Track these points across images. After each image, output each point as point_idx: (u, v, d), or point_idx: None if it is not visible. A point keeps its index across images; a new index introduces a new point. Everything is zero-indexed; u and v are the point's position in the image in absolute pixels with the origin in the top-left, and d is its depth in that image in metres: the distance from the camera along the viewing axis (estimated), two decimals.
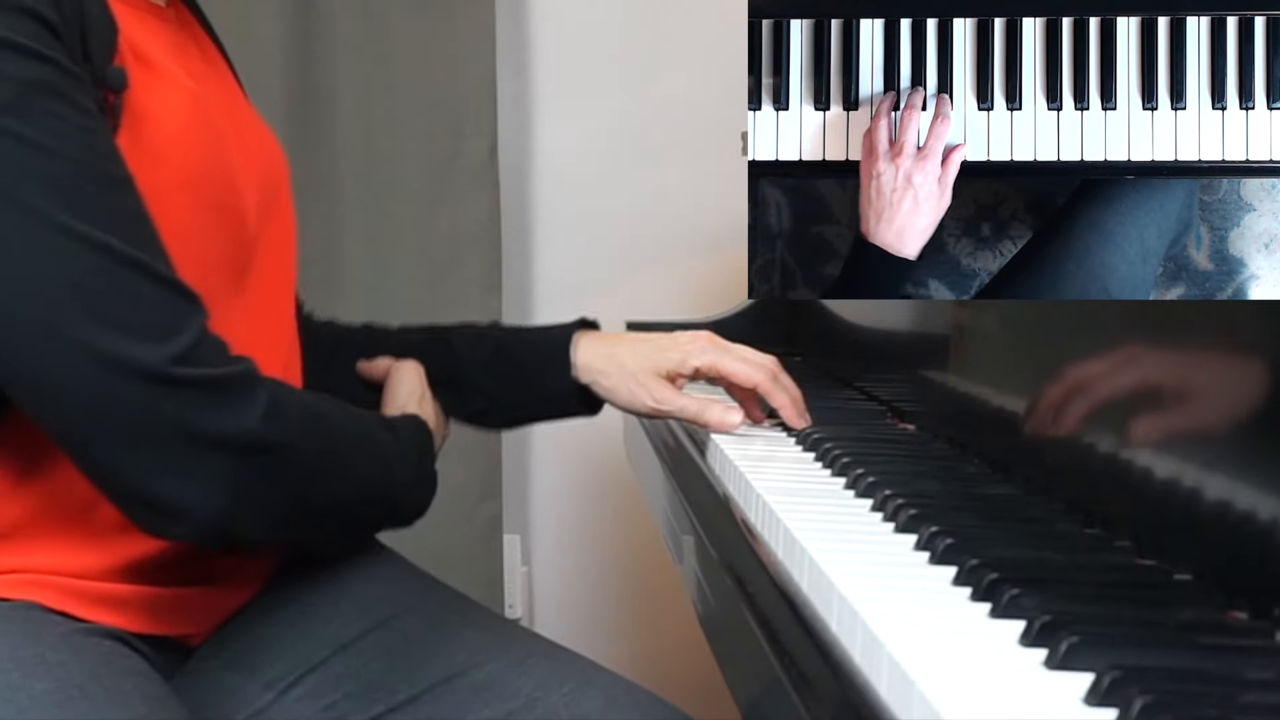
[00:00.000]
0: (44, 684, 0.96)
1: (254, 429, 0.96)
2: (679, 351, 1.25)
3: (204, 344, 0.96)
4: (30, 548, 1.03)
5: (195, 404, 0.94)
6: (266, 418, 0.97)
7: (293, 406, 1.01)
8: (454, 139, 2.24)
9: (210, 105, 1.08)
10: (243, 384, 0.97)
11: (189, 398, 0.94)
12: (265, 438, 0.97)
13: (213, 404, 0.95)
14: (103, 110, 0.97)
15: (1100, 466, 0.96)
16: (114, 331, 0.92)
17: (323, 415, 1.05)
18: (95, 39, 0.97)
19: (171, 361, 0.93)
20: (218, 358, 0.97)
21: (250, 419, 0.96)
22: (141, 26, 1.05)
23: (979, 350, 1.25)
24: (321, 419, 1.05)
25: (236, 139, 1.11)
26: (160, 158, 1.01)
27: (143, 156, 0.99)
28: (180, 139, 1.03)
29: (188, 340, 0.95)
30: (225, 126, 1.09)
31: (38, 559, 1.03)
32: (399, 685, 1.14)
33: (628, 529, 2.37)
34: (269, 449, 0.97)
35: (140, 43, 1.03)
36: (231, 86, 1.21)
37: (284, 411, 0.99)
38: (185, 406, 0.94)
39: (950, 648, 0.68)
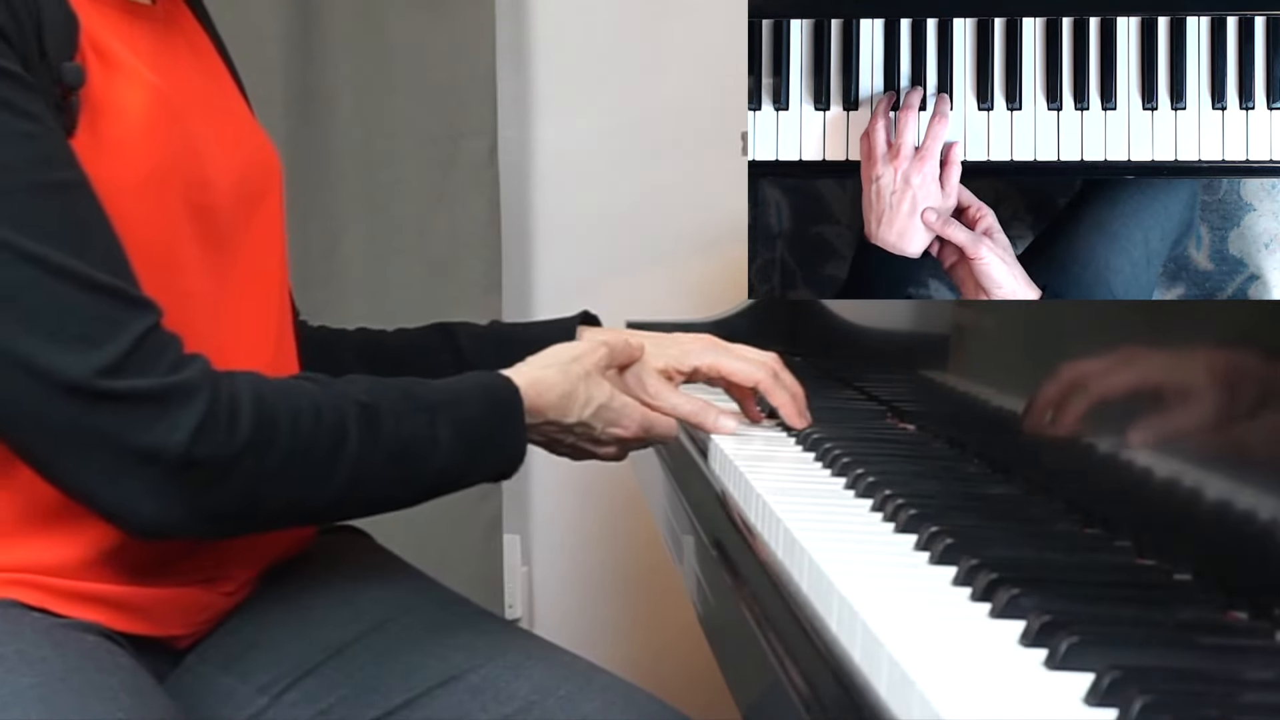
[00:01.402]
0: (27, 679, 0.96)
1: (181, 444, 0.94)
2: (678, 348, 1.25)
3: (139, 352, 0.94)
4: (5, 546, 1.03)
5: (121, 418, 0.93)
6: (200, 430, 0.94)
7: (246, 414, 0.97)
8: (454, 139, 2.24)
9: (180, 102, 1.07)
10: (178, 395, 0.94)
11: (114, 411, 0.93)
12: (193, 454, 0.94)
13: (140, 419, 0.93)
14: (60, 108, 0.97)
15: (1100, 466, 0.96)
16: (43, 343, 0.92)
17: (295, 414, 1.00)
18: (52, 37, 0.97)
19: (97, 374, 0.92)
20: (154, 366, 0.94)
21: (180, 433, 0.94)
22: (106, 23, 1.04)
23: (979, 350, 1.25)
24: (292, 420, 0.99)
25: (213, 137, 1.10)
26: (121, 154, 1.01)
27: (103, 152, 0.99)
28: (141, 135, 1.02)
29: (117, 350, 0.93)
30: (198, 124, 1.09)
31: (14, 557, 1.03)
32: (394, 688, 1.13)
33: (628, 529, 2.37)
34: (197, 464, 0.95)
35: (102, 39, 1.02)
36: (221, 85, 1.20)
37: (230, 421, 0.96)
38: (111, 420, 0.93)
39: (950, 648, 0.68)
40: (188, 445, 0.94)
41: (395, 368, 1.28)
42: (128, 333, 0.94)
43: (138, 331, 0.95)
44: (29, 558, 1.03)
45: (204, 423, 0.95)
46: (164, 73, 1.08)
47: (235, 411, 0.97)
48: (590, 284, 2.34)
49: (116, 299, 0.95)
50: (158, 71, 1.07)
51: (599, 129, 2.34)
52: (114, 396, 0.93)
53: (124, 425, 0.93)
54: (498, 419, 1.10)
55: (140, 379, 0.94)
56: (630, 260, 2.35)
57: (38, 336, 0.92)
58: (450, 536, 2.24)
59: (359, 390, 1.04)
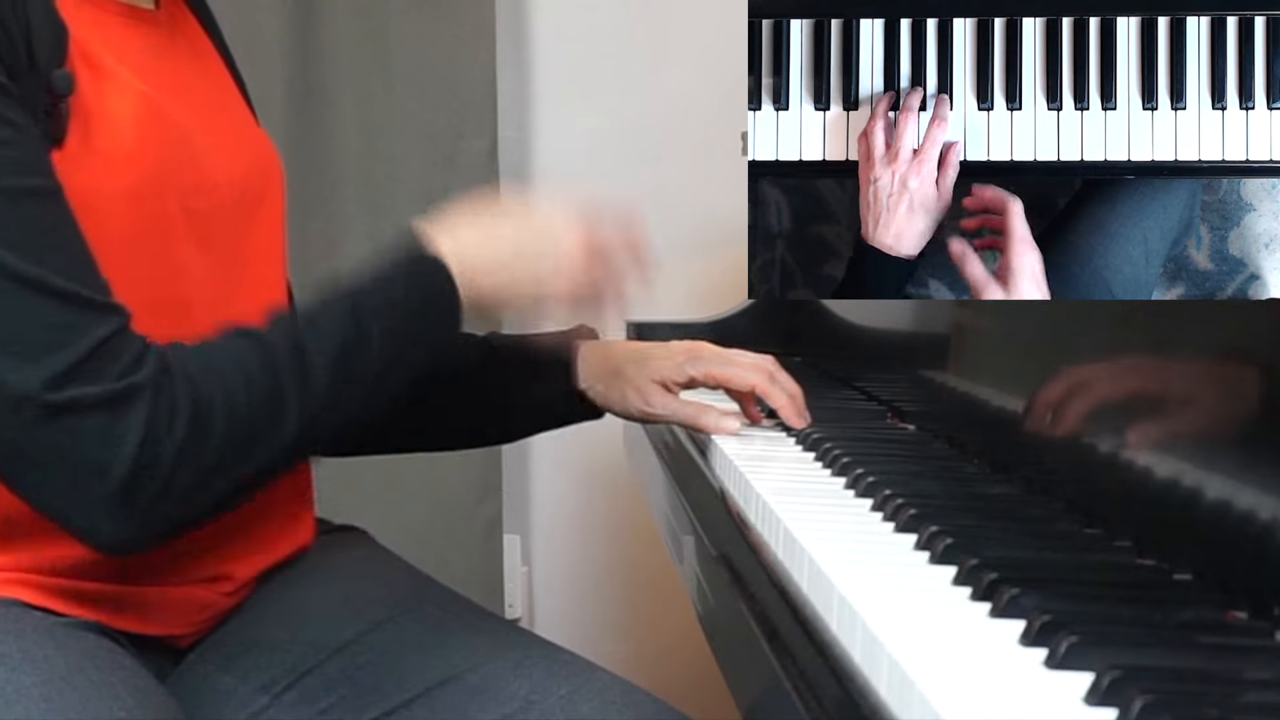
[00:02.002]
0: (30, 678, 0.96)
1: (129, 457, 0.92)
2: (674, 360, 1.25)
3: (95, 358, 0.92)
4: (7, 545, 1.03)
5: (71, 432, 0.91)
6: (144, 442, 0.92)
7: (181, 414, 0.94)
8: (454, 139, 2.24)
9: (175, 108, 1.07)
10: (125, 401, 0.92)
11: (64, 425, 0.91)
12: (138, 465, 0.92)
13: (90, 430, 0.92)
14: (49, 115, 0.97)
15: (1100, 466, 0.96)
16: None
17: (229, 397, 0.97)
18: (41, 46, 0.97)
19: (45, 385, 0.90)
20: (107, 371, 0.92)
21: (127, 446, 0.92)
22: (101, 30, 1.04)
23: (979, 350, 1.25)
24: (226, 406, 0.96)
25: (212, 141, 1.10)
26: (112, 162, 1.00)
27: (94, 161, 0.98)
28: (132, 143, 1.01)
29: (70, 357, 0.91)
30: (195, 129, 1.08)
31: (16, 556, 1.03)
32: (394, 688, 1.13)
33: (628, 529, 2.37)
34: (142, 476, 0.93)
35: (92, 48, 1.02)
36: (221, 88, 1.20)
37: (168, 425, 0.93)
38: (61, 435, 0.91)
39: (950, 648, 0.68)
40: (134, 458, 0.92)
41: None
42: (86, 338, 0.92)
43: (97, 337, 0.93)
44: (30, 557, 1.03)
45: (147, 433, 0.93)
46: (160, 78, 1.08)
47: (173, 413, 0.94)
48: None
49: (75, 305, 0.93)
50: (153, 77, 1.07)
51: (599, 129, 2.34)
52: (63, 408, 0.91)
53: (75, 439, 0.92)
54: (423, 279, 1.08)
55: (90, 386, 0.92)
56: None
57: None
58: (450, 536, 2.24)
59: (284, 333, 1.01)
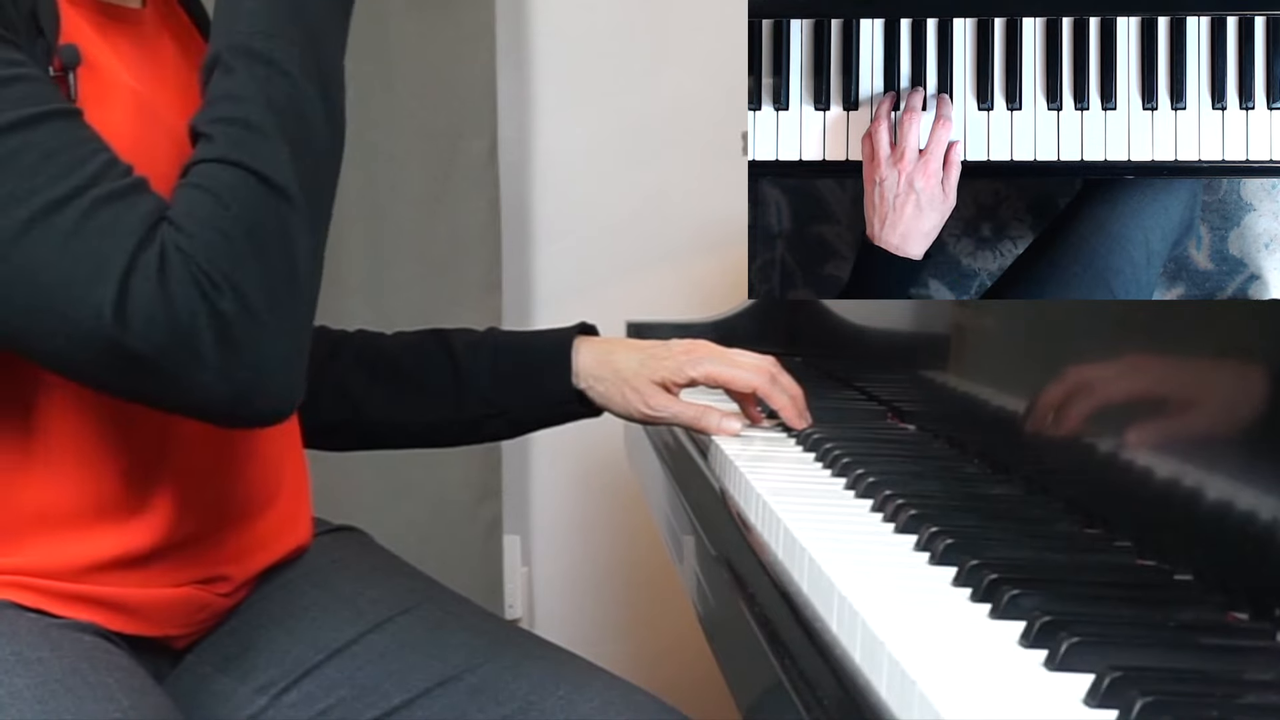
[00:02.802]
0: (24, 680, 0.96)
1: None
2: (674, 360, 1.25)
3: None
4: (3, 549, 1.03)
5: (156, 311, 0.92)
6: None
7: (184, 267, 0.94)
8: (454, 139, 2.24)
9: (164, 110, 1.07)
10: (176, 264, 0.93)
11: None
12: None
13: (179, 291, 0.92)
14: (57, 84, 0.97)
15: (1100, 466, 0.96)
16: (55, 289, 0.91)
17: (216, 200, 0.96)
18: (47, 19, 0.97)
19: (114, 311, 0.91)
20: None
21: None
22: (87, 28, 1.04)
23: (979, 350, 1.25)
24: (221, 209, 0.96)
25: None
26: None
27: None
28: (123, 139, 1.01)
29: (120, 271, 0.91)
30: (183, 129, 1.08)
31: (11, 559, 1.03)
32: (393, 689, 1.13)
33: (628, 529, 2.37)
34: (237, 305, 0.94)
35: (82, 42, 1.01)
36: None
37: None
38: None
39: (950, 648, 0.68)
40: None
41: (392, 372, 1.28)
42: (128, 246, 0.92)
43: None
44: (26, 560, 1.03)
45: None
46: (147, 79, 1.07)
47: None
48: (590, 284, 2.34)
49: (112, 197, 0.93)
50: (142, 77, 1.06)
51: (599, 129, 2.34)
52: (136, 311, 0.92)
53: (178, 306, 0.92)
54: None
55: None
56: (630, 260, 2.35)
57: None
58: (450, 536, 2.24)
59: (217, 149, 0.98)
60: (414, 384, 1.28)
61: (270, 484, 1.16)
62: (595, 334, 1.31)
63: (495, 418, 1.29)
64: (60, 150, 0.93)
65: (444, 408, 1.28)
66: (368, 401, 1.28)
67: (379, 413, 1.28)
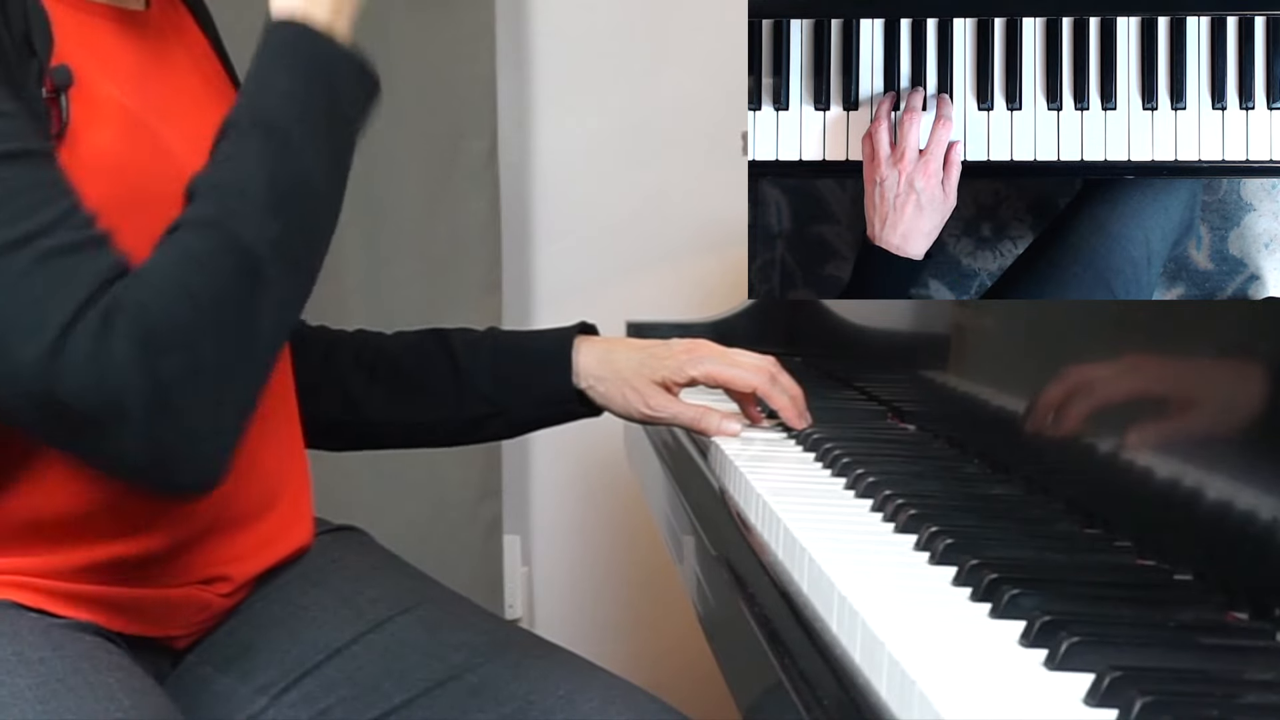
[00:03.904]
0: (25, 680, 0.96)
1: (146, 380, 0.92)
2: (675, 360, 1.24)
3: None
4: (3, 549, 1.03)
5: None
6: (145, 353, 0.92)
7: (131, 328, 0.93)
8: (454, 139, 2.24)
9: (154, 119, 1.06)
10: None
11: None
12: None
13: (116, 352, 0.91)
14: (49, 107, 0.97)
15: (1100, 466, 0.96)
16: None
17: (199, 269, 0.95)
18: (39, 37, 0.97)
19: (48, 362, 0.90)
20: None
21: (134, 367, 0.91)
22: (82, 34, 1.03)
23: (979, 350, 1.25)
24: (198, 277, 0.95)
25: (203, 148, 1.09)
26: (93, 172, 0.99)
27: (77, 169, 0.97)
28: (112, 157, 1.01)
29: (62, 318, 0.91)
30: (176, 140, 1.06)
31: (12, 559, 1.03)
32: (394, 689, 1.13)
33: (628, 529, 2.37)
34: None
35: (73, 55, 1.01)
36: (217, 91, 1.18)
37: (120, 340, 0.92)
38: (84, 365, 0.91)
39: (950, 648, 0.68)
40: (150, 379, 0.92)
41: (392, 371, 1.28)
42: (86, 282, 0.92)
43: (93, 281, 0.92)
44: (27, 561, 1.03)
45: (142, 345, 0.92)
46: (146, 85, 1.07)
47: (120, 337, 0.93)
48: (590, 284, 2.34)
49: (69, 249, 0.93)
50: (139, 85, 1.06)
51: (599, 129, 2.34)
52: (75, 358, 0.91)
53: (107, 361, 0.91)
54: (316, 69, 1.06)
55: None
56: (630, 260, 2.35)
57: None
58: (450, 536, 2.23)
59: (207, 200, 0.98)
60: (414, 384, 1.28)
61: (272, 486, 1.16)
62: (595, 334, 1.31)
63: (495, 417, 1.29)
64: (22, 192, 0.93)
65: (444, 407, 1.28)
66: (367, 401, 1.28)
67: (379, 413, 1.28)
